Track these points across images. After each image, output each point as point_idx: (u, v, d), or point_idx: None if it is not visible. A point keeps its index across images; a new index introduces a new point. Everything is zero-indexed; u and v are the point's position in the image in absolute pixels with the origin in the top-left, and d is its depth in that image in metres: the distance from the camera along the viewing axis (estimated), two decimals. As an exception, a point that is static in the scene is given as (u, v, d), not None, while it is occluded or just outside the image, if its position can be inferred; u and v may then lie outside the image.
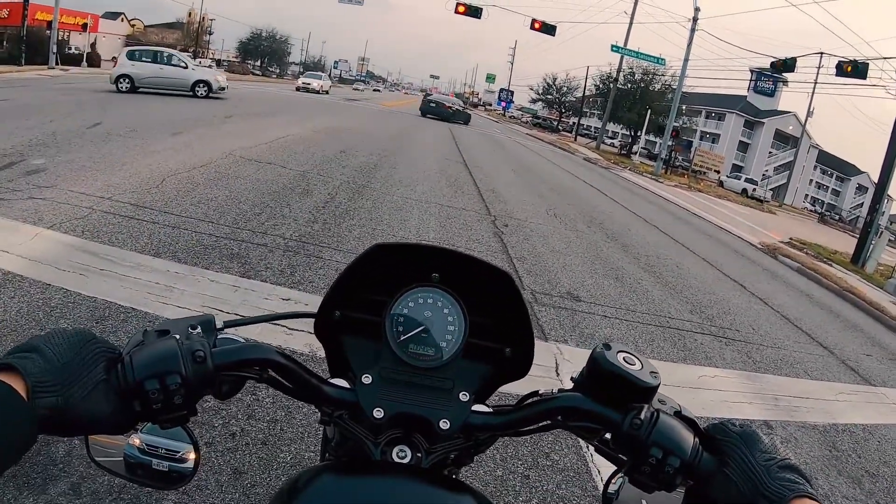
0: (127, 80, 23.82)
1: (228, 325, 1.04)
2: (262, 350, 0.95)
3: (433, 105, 48.13)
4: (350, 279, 1.11)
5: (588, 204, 17.22)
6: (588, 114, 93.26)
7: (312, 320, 1.15)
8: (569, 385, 1.05)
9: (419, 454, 1.01)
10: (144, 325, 4.47)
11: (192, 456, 1.02)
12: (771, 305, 10.59)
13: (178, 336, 0.88)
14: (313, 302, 5.52)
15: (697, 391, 5.79)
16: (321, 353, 4.08)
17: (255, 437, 3.44)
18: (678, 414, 0.95)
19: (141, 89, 24.20)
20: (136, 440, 1.01)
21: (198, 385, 0.85)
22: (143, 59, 24.93)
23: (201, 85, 26.10)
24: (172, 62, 25.90)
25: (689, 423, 0.94)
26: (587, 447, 4.09)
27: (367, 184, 11.79)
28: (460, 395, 1.04)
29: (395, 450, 1.00)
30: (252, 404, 3.70)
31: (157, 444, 1.01)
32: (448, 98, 56.81)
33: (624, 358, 0.97)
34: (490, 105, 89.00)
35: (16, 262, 5.16)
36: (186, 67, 26.25)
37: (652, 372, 0.97)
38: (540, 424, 1.04)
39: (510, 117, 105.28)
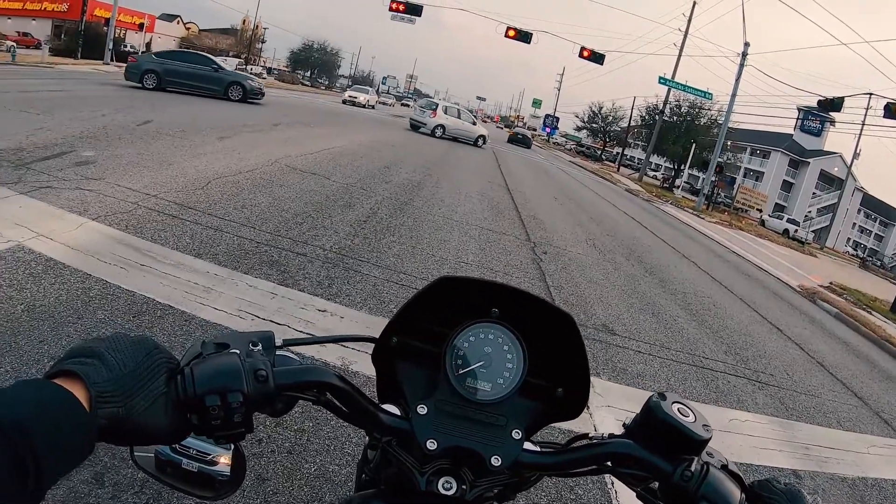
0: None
1: (288, 343, 1.03)
2: (322, 373, 0.95)
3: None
4: (414, 308, 1.11)
5: (628, 236, 17.08)
6: (632, 144, 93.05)
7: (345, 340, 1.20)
8: (607, 423, 1.04)
9: (464, 486, 1.01)
10: (181, 323, 4.52)
11: (223, 460, 1.02)
12: (807, 351, 10.38)
13: (238, 351, 0.88)
14: (349, 315, 5.56)
15: (727, 435, 5.66)
16: (353, 366, 4.05)
17: (282, 445, 3.42)
18: (725, 468, 0.94)
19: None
20: None
21: (258, 403, 0.85)
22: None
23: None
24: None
25: (736, 478, 0.93)
26: (612, 484, 4.05)
27: (410, 201, 11.79)
28: (513, 432, 1.03)
29: (442, 481, 1.00)
30: (282, 413, 3.66)
31: (190, 445, 1.00)
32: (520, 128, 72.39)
33: (678, 409, 0.96)
34: (535, 130, 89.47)
35: (59, 250, 5.24)
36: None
37: (704, 425, 0.95)
38: (589, 468, 1.02)
39: (554, 143, 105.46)
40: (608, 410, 5.14)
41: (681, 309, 9.98)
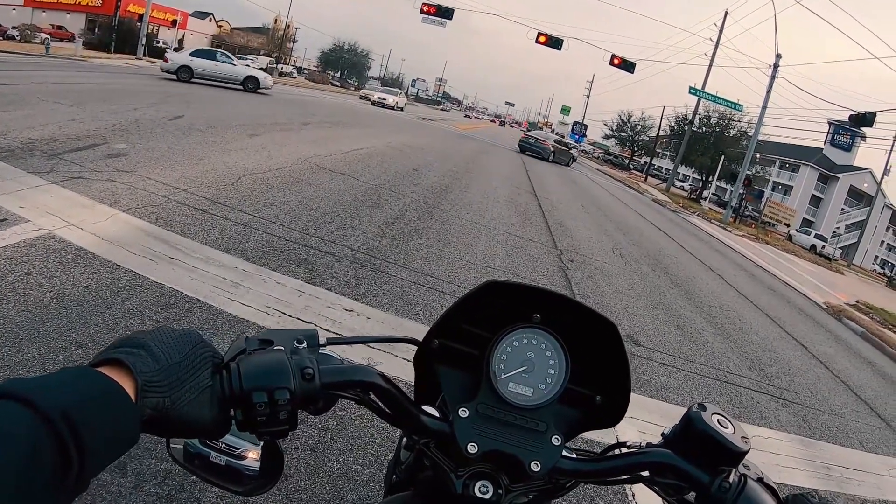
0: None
1: (332, 342, 1.04)
2: (367, 373, 0.95)
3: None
4: (461, 311, 1.12)
5: (654, 246, 16.98)
6: (660, 154, 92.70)
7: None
8: (630, 433, 1.02)
9: (500, 491, 1.02)
10: (209, 317, 4.54)
11: (251, 455, 1.02)
12: (831, 369, 10.24)
13: (283, 348, 0.88)
14: (375, 316, 5.56)
15: (749, 452, 5.58)
16: (378, 367, 4.05)
17: (306, 442, 3.41)
18: (761, 481, 0.95)
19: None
20: None
21: (303, 401, 0.86)
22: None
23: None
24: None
25: (771, 491, 0.94)
26: (632, 496, 4.02)
27: (438, 204, 11.79)
28: (553, 438, 1.03)
29: (478, 484, 1.02)
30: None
31: (220, 438, 0.98)
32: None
33: (718, 420, 0.96)
34: (563, 137, 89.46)
35: (89, 240, 5.28)
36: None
37: (743, 437, 0.96)
38: (626, 476, 1.03)
39: (582, 151, 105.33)
40: (630, 422, 5.08)
41: (706, 322, 9.88)
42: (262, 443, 1.01)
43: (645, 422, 5.12)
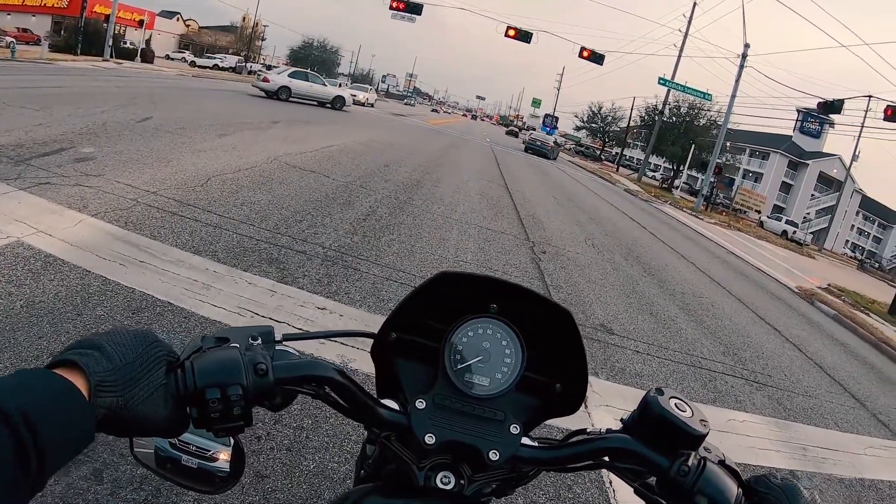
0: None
1: (287, 338, 1.04)
2: (322, 367, 0.96)
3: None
4: (413, 303, 1.12)
5: (627, 236, 17.09)
6: (631, 145, 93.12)
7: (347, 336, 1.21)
8: (605, 422, 1.04)
9: (462, 481, 1.01)
10: (180, 320, 4.53)
11: (222, 456, 1.03)
12: (805, 352, 10.39)
13: (238, 345, 0.89)
14: (348, 313, 5.57)
15: (725, 435, 5.66)
16: (352, 364, 4.05)
17: (281, 442, 3.42)
18: (722, 463, 0.95)
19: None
20: None
21: (257, 397, 0.86)
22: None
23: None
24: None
25: (733, 473, 0.94)
26: (610, 482, 4.07)
27: (409, 200, 11.80)
28: (511, 427, 1.03)
29: (440, 475, 1.01)
30: (281, 410, 3.66)
31: (190, 441, 1.01)
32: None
33: (676, 404, 0.97)
34: (534, 130, 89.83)
35: (58, 246, 5.23)
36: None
37: (702, 420, 0.96)
38: (586, 462, 1.03)
39: (553, 143, 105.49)
40: (606, 410, 5.15)
41: (679, 309, 9.99)
42: (231, 442, 1.03)
43: (620, 409, 5.17)
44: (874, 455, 6.67)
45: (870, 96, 39.42)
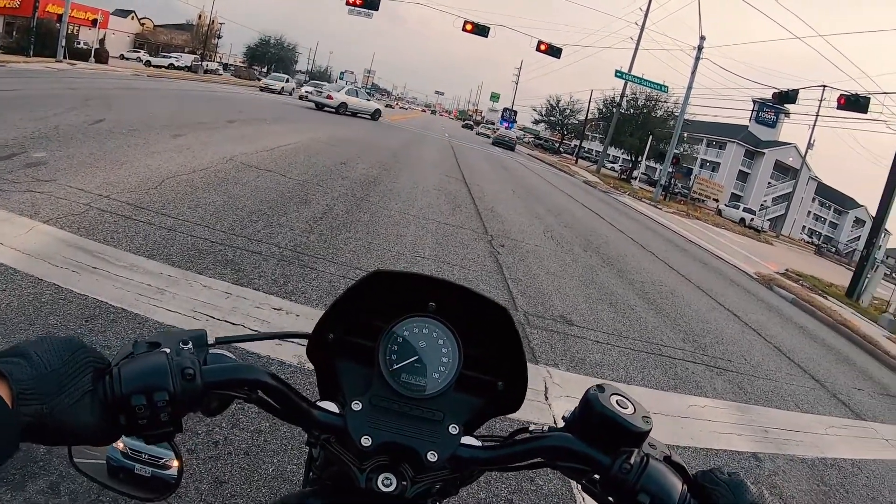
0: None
1: (220, 341, 1.04)
2: (252, 371, 0.94)
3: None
4: (347, 303, 1.11)
5: (585, 227, 17.23)
6: (590, 137, 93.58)
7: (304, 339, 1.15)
8: (558, 419, 1.06)
9: (404, 483, 0.99)
10: (134, 326, 4.48)
11: (175, 464, 1.02)
12: (764, 336, 10.60)
13: (168, 350, 0.87)
14: (304, 313, 5.56)
15: (687, 420, 5.78)
16: (309, 365, 4.09)
17: (239, 446, 3.41)
18: (668, 459, 0.95)
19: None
20: (119, 444, 1.00)
21: (186, 402, 0.85)
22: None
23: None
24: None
25: (679, 468, 0.93)
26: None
27: (366, 196, 11.78)
28: (450, 427, 1.03)
29: (381, 477, 0.99)
30: (237, 413, 3.67)
31: (141, 450, 1.00)
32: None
33: (617, 401, 0.97)
34: (493, 124, 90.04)
35: (9, 255, 5.15)
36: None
37: (644, 416, 0.96)
38: (528, 462, 1.03)
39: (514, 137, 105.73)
40: (567, 401, 5.20)
41: (638, 298, 10.12)
42: (174, 452, 1.02)
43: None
44: (835, 434, 6.87)
45: (824, 86, 40.02)
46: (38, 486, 2.76)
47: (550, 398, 5.20)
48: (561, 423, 1.06)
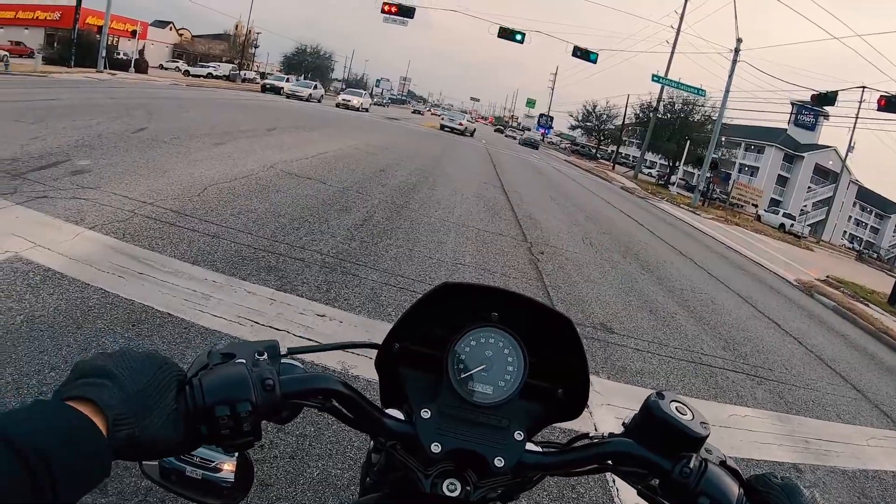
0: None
1: (292, 351, 1.06)
2: (328, 380, 0.97)
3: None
4: (416, 314, 1.13)
5: (624, 234, 17.09)
6: (627, 142, 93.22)
7: (357, 348, 1.22)
8: (607, 420, 1.05)
9: (468, 488, 1.02)
10: (180, 331, 4.53)
11: (227, 467, 1.03)
12: (805, 345, 10.40)
13: (244, 361, 0.89)
14: (347, 319, 5.57)
15: (727, 430, 5.67)
16: (353, 371, 4.06)
17: (284, 450, 3.43)
18: (723, 464, 0.96)
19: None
20: None
21: (265, 412, 0.87)
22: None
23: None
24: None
25: (734, 473, 0.95)
26: (613, 482, 4.08)
27: (406, 204, 11.80)
28: (515, 433, 1.04)
29: (446, 483, 1.02)
30: (284, 418, 3.66)
31: (194, 453, 1.01)
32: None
33: (676, 407, 0.99)
34: (529, 130, 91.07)
35: (57, 260, 5.23)
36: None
37: (702, 422, 0.98)
38: (590, 467, 1.05)
39: (549, 143, 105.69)
40: (608, 409, 5.15)
41: (678, 306, 9.99)
42: (236, 454, 1.03)
43: (622, 408, 5.18)
44: (877, 446, 6.68)
45: (863, 87, 39.34)
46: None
47: (592, 406, 5.13)
48: (601, 431, 1.10)
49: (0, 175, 7.46)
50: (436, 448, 1.00)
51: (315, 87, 56.97)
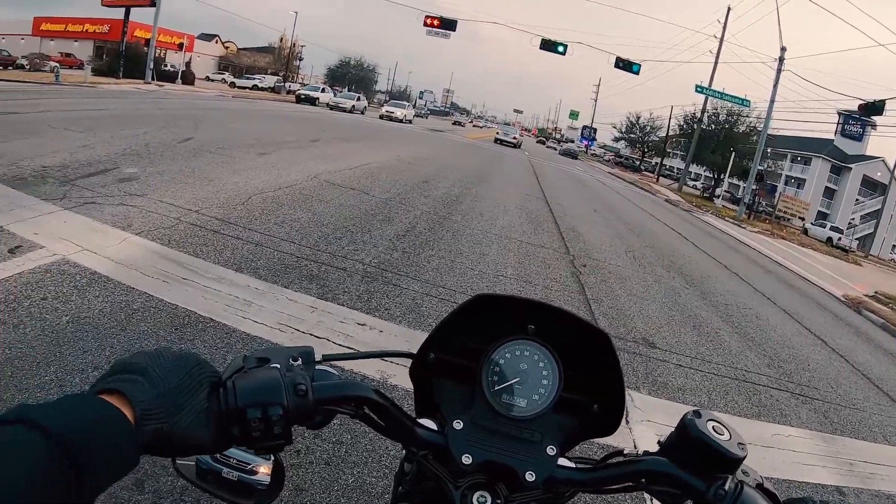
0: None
1: (327, 358, 1.06)
2: (361, 388, 0.98)
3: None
4: (452, 324, 1.14)
5: (668, 247, 16.91)
6: (671, 154, 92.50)
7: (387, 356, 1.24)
8: (646, 437, 1.03)
9: (498, 501, 1.01)
10: (222, 336, 4.57)
11: (262, 469, 1.04)
12: (852, 363, 10.15)
13: (279, 366, 0.90)
14: (388, 329, 5.58)
15: (769, 450, 5.53)
16: (392, 380, 4.05)
17: (320, 456, 3.43)
18: (760, 486, 0.96)
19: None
20: None
21: (297, 416, 0.87)
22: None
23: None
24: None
25: (771, 496, 0.95)
26: (650, 499, 3.97)
27: (448, 215, 11.79)
28: (548, 448, 1.04)
29: (476, 495, 1.01)
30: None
31: (230, 454, 1.03)
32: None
33: (713, 427, 0.97)
34: (572, 142, 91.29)
35: (103, 264, 5.33)
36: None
37: (740, 443, 0.96)
38: (622, 485, 1.05)
39: (592, 155, 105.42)
40: (648, 425, 5.07)
41: (722, 321, 9.83)
42: (272, 457, 1.04)
43: (662, 424, 5.09)
44: (926, 470, 6.49)
45: (913, 96, 38.72)
46: (123, 482, 2.77)
47: (631, 422, 5.05)
48: (639, 448, 1.05)
49: (50, 181, 7.63)
50: (467, 459, 1.01)
51: (358, 99, 57.33)
